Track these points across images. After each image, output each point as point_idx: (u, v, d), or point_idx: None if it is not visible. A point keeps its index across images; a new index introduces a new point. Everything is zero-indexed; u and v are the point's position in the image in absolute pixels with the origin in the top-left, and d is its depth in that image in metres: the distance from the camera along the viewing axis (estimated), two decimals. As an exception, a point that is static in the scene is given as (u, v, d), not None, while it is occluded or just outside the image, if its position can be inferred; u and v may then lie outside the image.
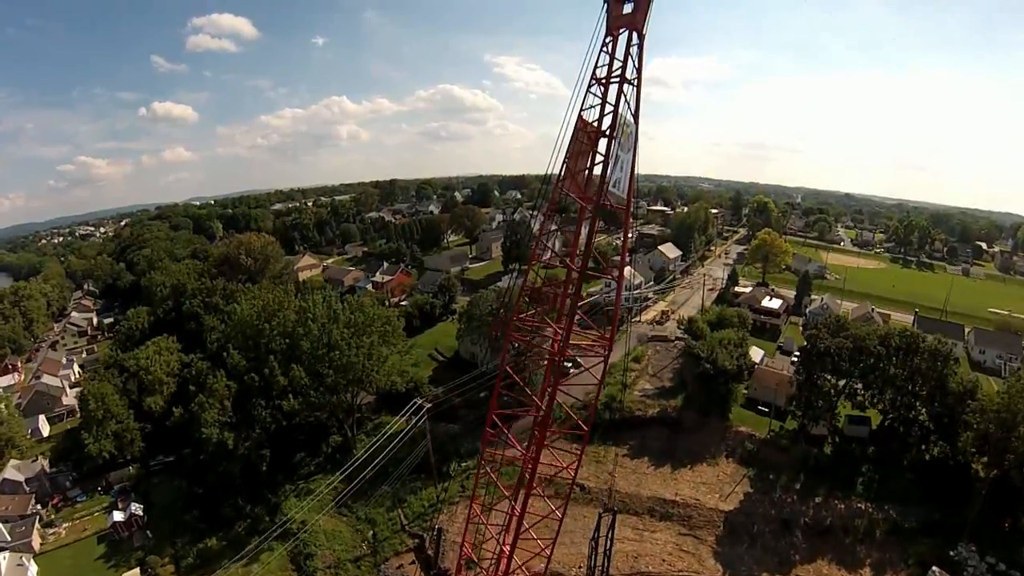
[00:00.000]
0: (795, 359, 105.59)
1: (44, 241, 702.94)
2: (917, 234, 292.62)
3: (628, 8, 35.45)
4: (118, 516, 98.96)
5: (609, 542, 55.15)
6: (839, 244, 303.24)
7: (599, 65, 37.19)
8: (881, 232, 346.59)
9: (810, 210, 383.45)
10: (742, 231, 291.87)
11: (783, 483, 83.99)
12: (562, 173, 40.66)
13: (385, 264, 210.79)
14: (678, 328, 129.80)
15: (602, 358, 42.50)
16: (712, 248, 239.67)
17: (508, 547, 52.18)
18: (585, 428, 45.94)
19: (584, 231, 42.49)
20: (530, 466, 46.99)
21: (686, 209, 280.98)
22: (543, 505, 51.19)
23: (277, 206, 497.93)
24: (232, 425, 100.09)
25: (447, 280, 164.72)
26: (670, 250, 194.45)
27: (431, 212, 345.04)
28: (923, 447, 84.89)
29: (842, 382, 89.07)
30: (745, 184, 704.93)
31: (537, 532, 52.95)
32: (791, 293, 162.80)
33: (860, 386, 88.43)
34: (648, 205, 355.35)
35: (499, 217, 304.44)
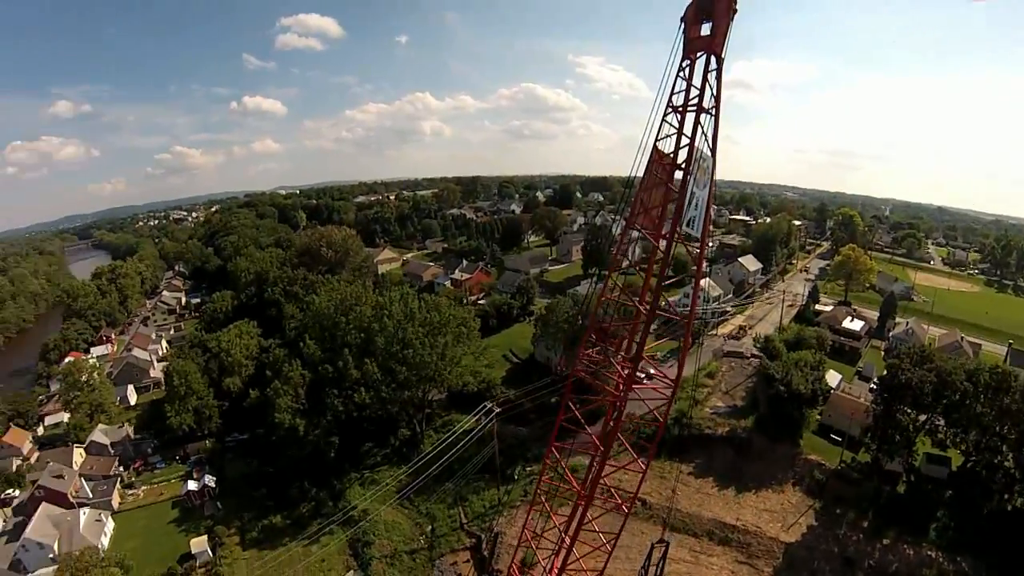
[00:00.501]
0: (874, 387, 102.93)
1: (141, 223, 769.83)
2: (1016, 255, 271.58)
3: (706, 30, 35.32)
4: (192, 485, 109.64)
5: (659, 571, 55.99)
6: (929, 263, 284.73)
7: (675, 91, 37.14)
8: (976, 251, 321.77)
9: (898, 224, 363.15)
10: (825, 245, 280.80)
11: (850, 519, 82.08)
12: (636, 207, 41.46)
13: (464, 262, 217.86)
14: (754, 345, 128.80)
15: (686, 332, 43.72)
16: (793, 262, 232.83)
17: (564, 551, 55.53)
18: (651, 443, 47.68)
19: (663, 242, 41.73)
20: (592, 476, 49.52)
21: (768, 220, 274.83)
22: (602, 517, 53.70)
23: (360, 198, 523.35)
24: (304, 412, 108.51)
25: (526, 281, 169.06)
26: (750, 262, 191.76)
27: (512, 211, 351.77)
28: (1006, 496, 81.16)
29: (923, 417, 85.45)
30: (830, 194, 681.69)
31: (593, 544, 55.41)
32: (874, 314, 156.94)
33: (942, 423, 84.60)
34: (730, 214, 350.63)
35: (580, 219, 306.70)
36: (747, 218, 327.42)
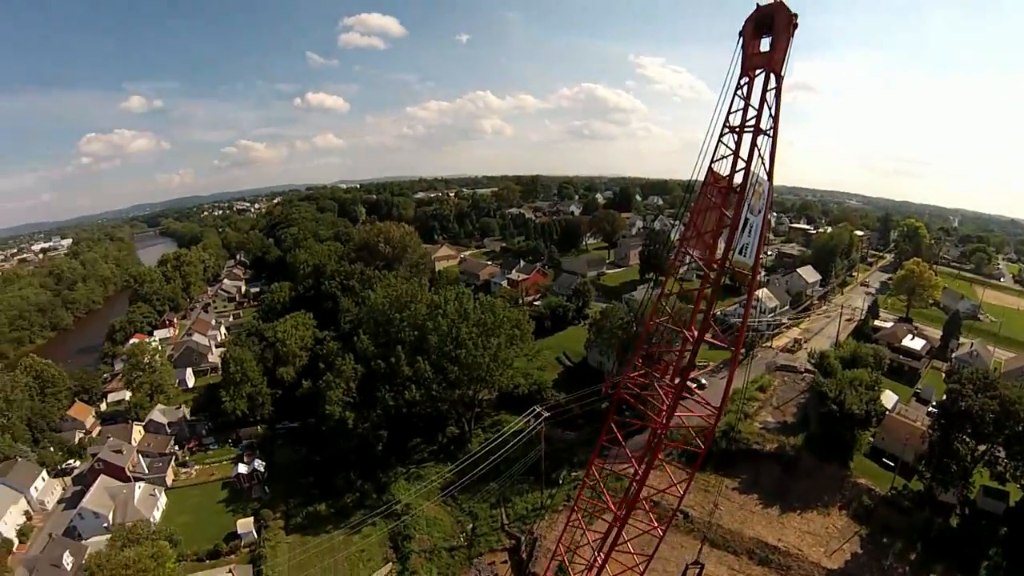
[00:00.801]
0: (932, 411, 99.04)
1: (206, 213, 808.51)
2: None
3: (765, 46, 34.78)
4: (242, 468, 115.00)
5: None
6: (999, 280, 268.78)
7: (733, 110, 36.66)
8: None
9: (967, 237, 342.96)
10: (888, 257, 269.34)
11: (897, 550, 78.79)
12: (689, 230, 41.19)
13: (522, 262, 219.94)
14: (809, 360, 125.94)
15: (732, 359, 43.69)
16: (854, 274, 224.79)
17: (596, 569, 56.28)
18: (694, 462, 48.33)
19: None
20: (636, 485, 49.45)
21: (829, 229, 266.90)
22: (641, 525, 53.74)
23: (420, 195, 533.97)
24: (354, 405, 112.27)
25: (582, 284, 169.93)
26: (809, 273, 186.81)
27: (571, 213, 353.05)
28: (1067, 537, 76.83)
29: (982, 447, 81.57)
30: (896, 202, 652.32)
31: (626, 564, 55.46)
32: (937, 333, 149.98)
33: (1003, 454, 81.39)
34: (790, 222, 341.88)
35: (639, 223, 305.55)
36: (807, 227, 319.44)
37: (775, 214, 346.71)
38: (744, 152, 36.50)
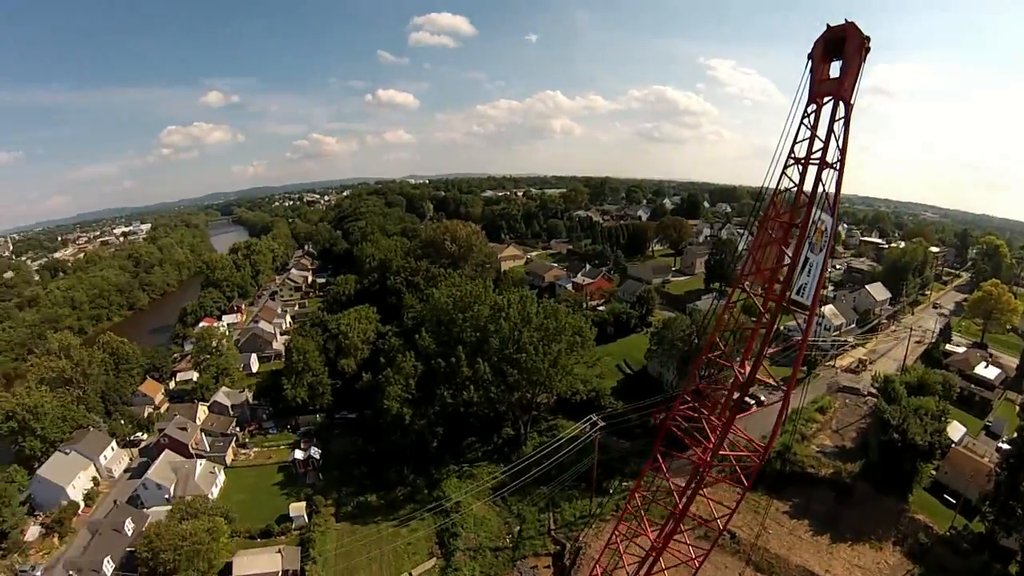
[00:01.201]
0: (1002, 447, 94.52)
1: (277, 203, 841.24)
2: None
3: (835, 71, 33.77)
4: (299, 454, 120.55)
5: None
6: None
7: (799, 140, 35.74)
8: None
9: None
10: (965, 276, 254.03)
11: None
12: (747, 264, 40.57)
13: (587, 266, 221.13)
14: (872, 383, 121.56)
15: (783, 401, 44.11)
16: (927, 293, 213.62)
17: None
18: (746, 484, 46.75)
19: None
20: (685, 499, 49.94)
21: (902, 244, 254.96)
22: (687, 546, 54.53)
23: (488, 193, 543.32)
24: (412, 401, 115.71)
25: (646, 292, 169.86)
26: (878, 291, 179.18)
27: (639, 217, 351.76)
28: None
29: None
30: (975, 216, 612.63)
31: (675, 572, 56.59)
32: (1014, 362, 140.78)
33: None
34: (861, 235, 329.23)
35: (706, 231, 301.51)
36: (879, 241, 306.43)
37: (845, 226, 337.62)
38: (808, 185, 35.76)
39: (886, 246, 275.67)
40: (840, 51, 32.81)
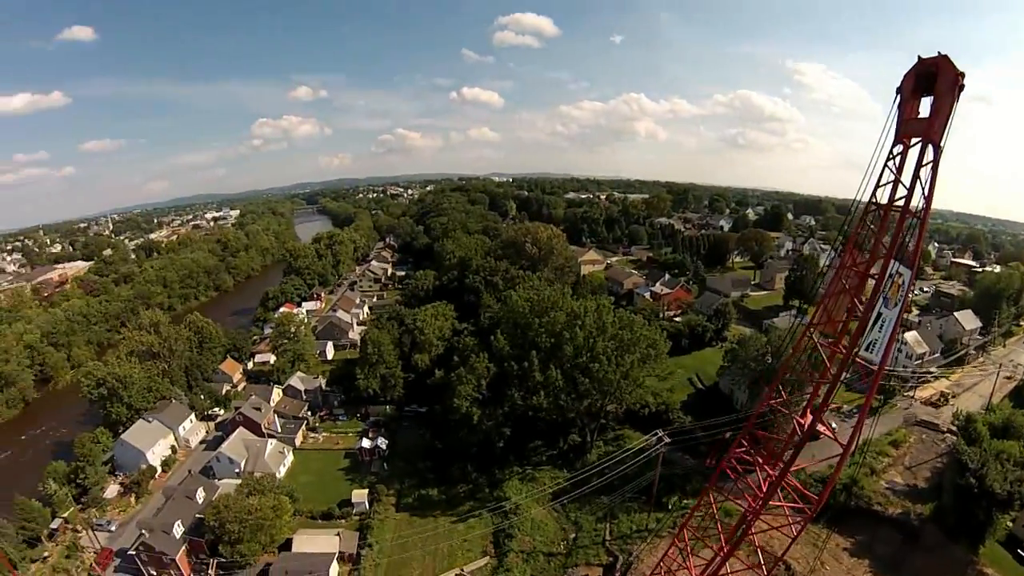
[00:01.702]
0: None
1: (361, 195, 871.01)
2: None
3: (925, 110, 31.82)
4: (366, 443, 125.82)
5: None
6: None
7: (882, 183, 34.22)
8: None
9: None
10: None
11: None
12: (819, 312, 39.88)
13: (667, 275, 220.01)
14: (953, 420, 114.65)
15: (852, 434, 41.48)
16: (1022, 324, 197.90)
17: None
18: (813, 502, 45.42)
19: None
20: (746, 523, 49.68)
21: (997, 269, 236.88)
22: (742, 570, 54.43)
23: (570, 195, 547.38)
24: (482, 401, 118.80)
25: (724, 305, 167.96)
26: (968, 319, 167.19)
27: (721, 227, 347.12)
28: None
29: None
30: None
31: None
32: None
33: None
34: (952, 255, 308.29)
35: (788, 244, 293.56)
36: (972, 263, 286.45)
37: (936, 245, 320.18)
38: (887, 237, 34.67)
39: (980, 269, 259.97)
40: (931, 87, 30.83)
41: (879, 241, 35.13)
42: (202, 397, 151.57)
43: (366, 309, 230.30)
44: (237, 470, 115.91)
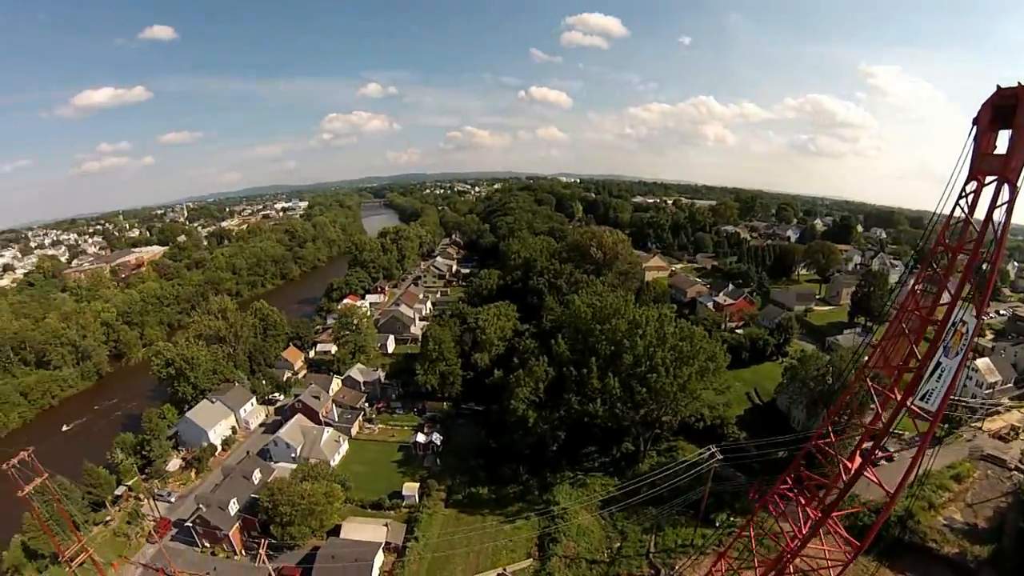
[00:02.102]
0: None
1: (428, 191, 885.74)
2: None
3: (1001, 145, 30.10)
4: (420, 437, 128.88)
5: None
6: None
7: (954, 219, 32.61)
8: None
9: None
10: None
11: None
12: (876, 354, 38.95)
13: (731, 285, 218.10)
14: (1022, 457, 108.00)
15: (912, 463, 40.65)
16: None
17: None
18: (857, 542, 45.10)
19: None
20: (793, 548, 49.30)
21: None
22: None
23: (638, 198, 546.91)
24: (538, 404, 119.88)
25: (787, 320, 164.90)
26: None
27: (788, 238, 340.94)
28: None
29: None
30: None
31: None
32: None
33: None
34: None
35: (857, 258, 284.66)
36: None
37: (1015, 264, 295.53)
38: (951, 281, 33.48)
39: None
40: (1010, 120, 28.99)
41: (943, 286, 33.88)
42: (264, 382, 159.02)
43: (429, 305, 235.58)
44: (293, 455, 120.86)
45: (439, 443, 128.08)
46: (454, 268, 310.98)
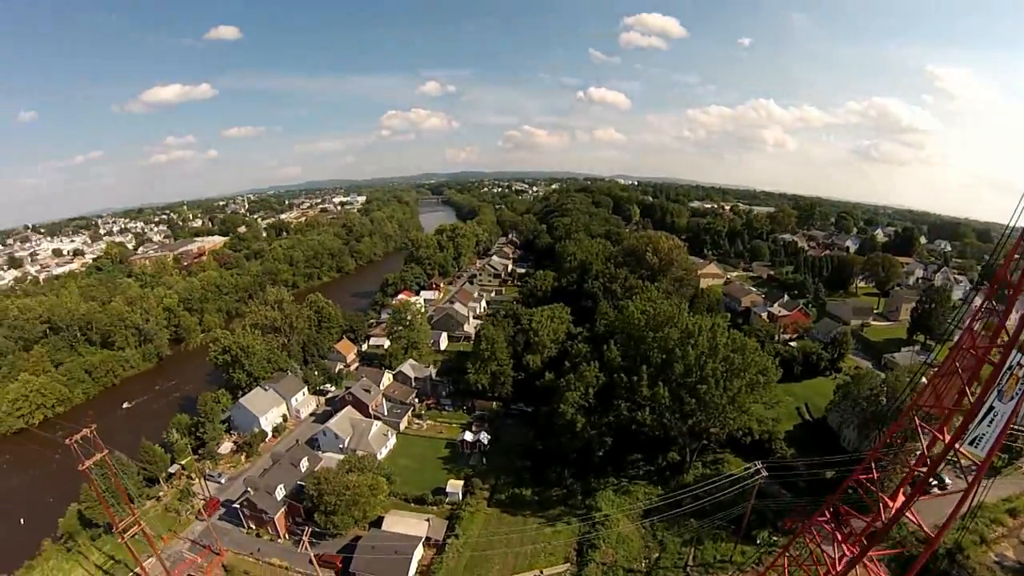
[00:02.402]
0: None
1: (485, 189, 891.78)
2: None
3: None
4: (468, 436, 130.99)
5: None
6: None
7: (1019, 255, 31.91)
8: None
9: None
10: None
11: None
12: (928, 390, 38.38)
13: (786, 296, 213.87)
14: None
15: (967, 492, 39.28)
16: None
17: None
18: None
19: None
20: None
21: None
22: None
23: (695, 203, 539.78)
24: (587, 409, 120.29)
25: (842, 334, 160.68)
26: None
27: (846, 248, 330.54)
28: None
29: None
30: None
31: None
32: None
33: None
34: None
35: (919, 272, 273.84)
36: None
37: None
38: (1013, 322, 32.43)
39: None
40: None
41: (1003, 323, 32.68)
42: (316, 373, 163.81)
43: (483, 303, 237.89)
44: (341, 446, 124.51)
45: (486, 442, 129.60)
46: (510, 268, 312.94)
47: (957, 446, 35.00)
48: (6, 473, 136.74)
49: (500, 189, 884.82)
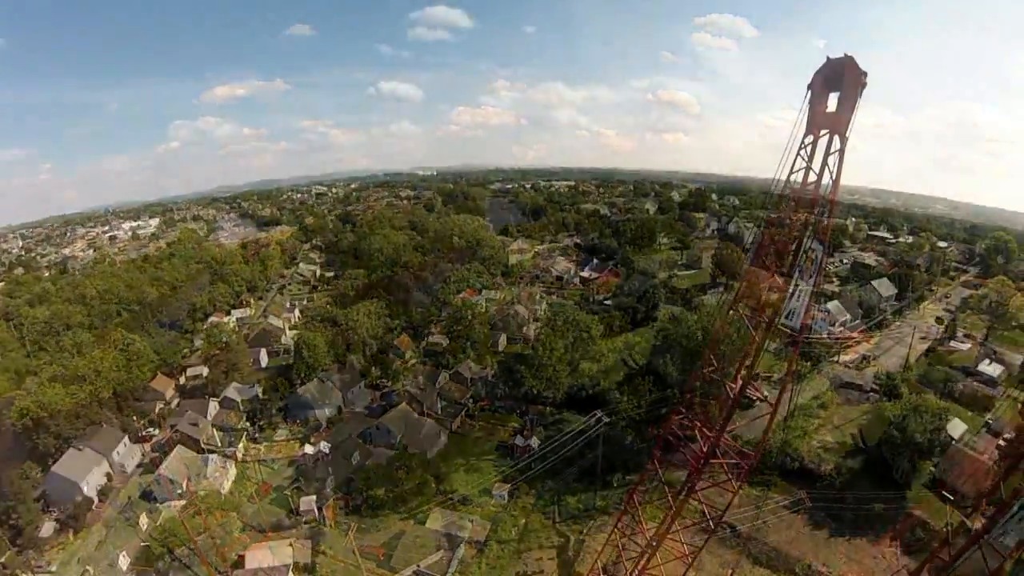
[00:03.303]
0: (1003, 444, 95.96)
1: (285, 196, 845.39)
2: None
3: (832, 105, 35.95)
4: (309, 449, 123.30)
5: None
6: None
7: (795, 169, 38.39)
8: None
9: None
10: (972, 272, 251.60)
11: None
12: (742, 287, 44.76)
13: (595, 260, 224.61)
14: (875, 380, 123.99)
15: (776, 402, 47.34)
16: (933, 289, 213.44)
17: (647, 555, 60.11)
18: (747, 460, 50.40)
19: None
20: (690, 482, 53.56)
21: (910, 240, 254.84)
22: (688, 532, 59.30)
23: (495, 186, 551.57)
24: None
25: (653, 287, 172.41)
26: (884, 287, 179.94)
27: (646, 211, 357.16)
28: None
29: None
30: (989, 209, 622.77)
31: (675, 565, 60.41)
32: (1019, 359, 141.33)
33: None
34: (869, 229, 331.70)
35: (713, 224, 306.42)
36: (887, 235, 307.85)
37: (853, 219, 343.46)
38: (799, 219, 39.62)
39: (893, 240, 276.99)
40: (838, 84, 35.01)
41: (795, 221, 39.35)
42: (134, 418, 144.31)
43: (297, 312, 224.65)
44: (180, 490, 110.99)
45: (328, 451, 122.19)
46: (318, 272, 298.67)
47: (776, 320, 41.06)
48: None
49: (301, 195, 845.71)
